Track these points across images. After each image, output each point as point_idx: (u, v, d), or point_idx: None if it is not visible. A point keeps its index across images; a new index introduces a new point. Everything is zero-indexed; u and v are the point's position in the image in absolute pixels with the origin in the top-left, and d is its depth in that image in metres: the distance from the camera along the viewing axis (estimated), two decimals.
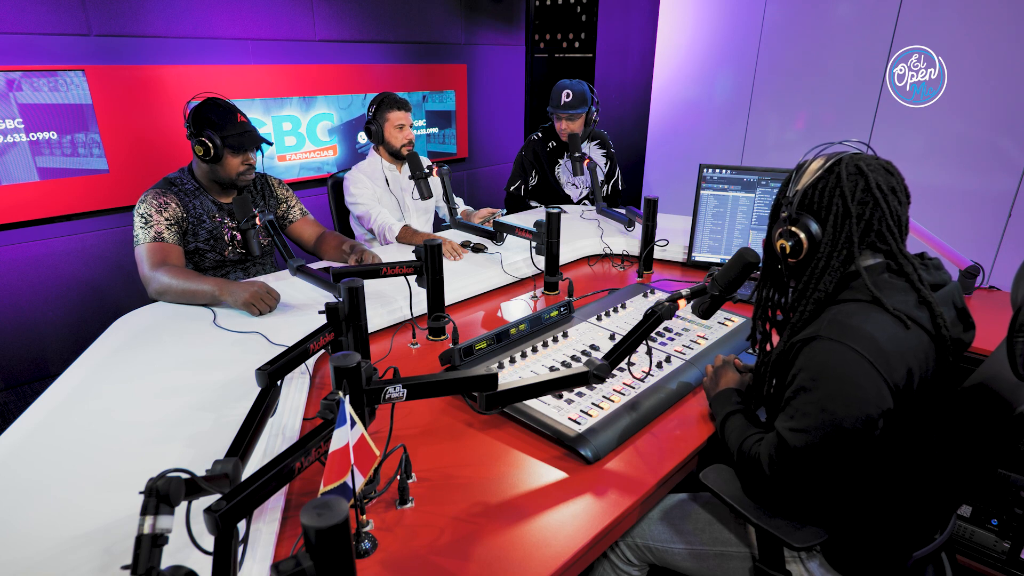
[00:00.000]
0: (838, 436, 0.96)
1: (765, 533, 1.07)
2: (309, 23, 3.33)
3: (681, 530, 1.26)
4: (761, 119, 3.70)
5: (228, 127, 1.92)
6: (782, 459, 1.02)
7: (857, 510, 1.05)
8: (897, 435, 0.98)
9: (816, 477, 1.01)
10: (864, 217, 1.03)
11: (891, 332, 0.97)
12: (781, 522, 1.07)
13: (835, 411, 0.96)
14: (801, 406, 1.00)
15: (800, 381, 1.01)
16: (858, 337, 0.96)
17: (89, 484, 1.07)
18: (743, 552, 1.20)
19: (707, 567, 1.23)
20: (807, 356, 1.01)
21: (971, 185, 2.99)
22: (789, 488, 1.05)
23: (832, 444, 0.97)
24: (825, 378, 0.98)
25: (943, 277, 1.10)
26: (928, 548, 1.08)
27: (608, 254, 2.44)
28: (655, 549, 1.27)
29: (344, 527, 0.61)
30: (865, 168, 1.04)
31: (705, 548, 1.23)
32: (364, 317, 1.36)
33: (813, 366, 1.00)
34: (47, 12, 2.50)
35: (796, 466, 1.01)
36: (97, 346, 1.57)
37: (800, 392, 1.01)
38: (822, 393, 0.98)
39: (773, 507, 1.09)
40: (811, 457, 0.99)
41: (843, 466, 1.00)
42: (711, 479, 1.16)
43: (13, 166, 2.52)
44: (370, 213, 2.52)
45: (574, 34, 4.88)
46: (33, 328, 2.74)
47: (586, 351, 1.57)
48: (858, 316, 0.99)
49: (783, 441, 1.02)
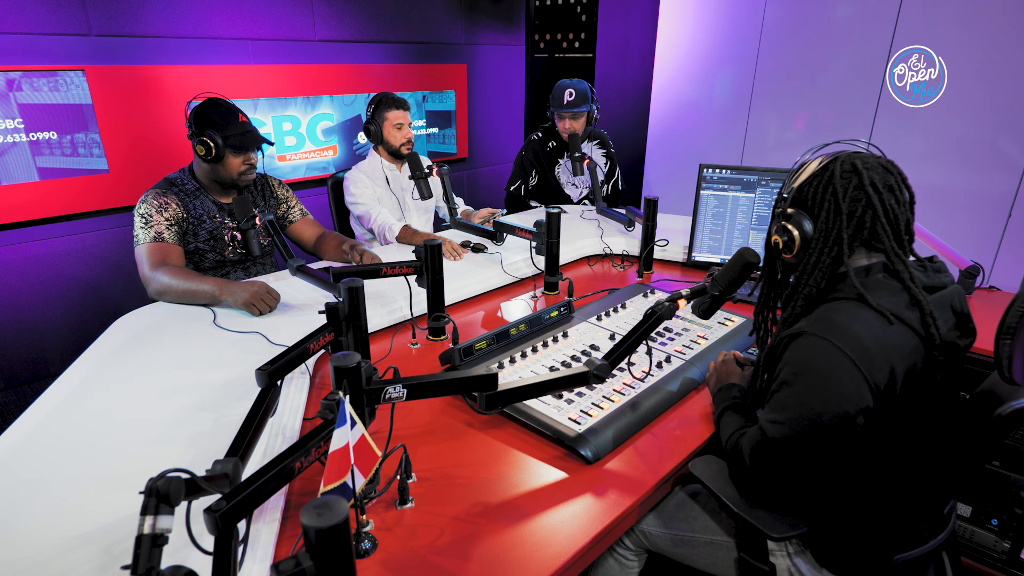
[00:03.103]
0: (815, 430, 0.97)
1: (744, 523, 1.09)
2: (309, 23, 3.33)
3: (674, 517, 1.29)
4: (761, 119, 3.69)
5: (229, 127, 1.92)
6: (761, 450, 1.04)
7: (837, 505, 1.06)
8: (878, 433, 0.99)
9: (793, 469, 1.03)
10: (856, 214, 1.03)
11: (876, 331, 0.97)
12: (761, 513, 1.09)
13: (813, 406, 0.97)
14: (782, 399, 1.02)
15: (784, 375, 1.03)
16: (843, 335, 0.96)
17: (89, 484, 1.07)
18: (730, 542, 1.22)
19: (696, 554, 1.26)
20: (792, 351, 1.02)
21: (971, 185, 2.99)
22: (767, 479, 1.07)
23: (809, 438, 0.98)
24: (806, 373, 0.99)
25: (943, 280, 1.09)
26: (919, 550, 1.07)
27: (608, 254, 2.44)
28: (649, 534, 1.30)
29: (344, 527, 0.61)
30: (860, 166, 1.04)
31: (695, 536, 1.25)
32: (364, 317, 1.36)
33: (796, 361, 1.01)
34: (47, 12, 2.50)
35: (774, 457, 1.03)
36: (97, 346, 1.57)
37: (783, 386, 1.03)
38: (802, 387, 0.99)
39: (754, 498, 1.11)
40: (788, 449, 1.01)
41: (821, 460, 1.01)
42: (699, 469, 1.18)
43: (13, 166, 2.52)
44: (370, 213, 2.52)
45: (574, 34, 4.88)
46: (33, 328, 2.74)
47: (586, 351, 1.57)
48: (846, 314, 0.99)
49: (763, 432, 1.04)
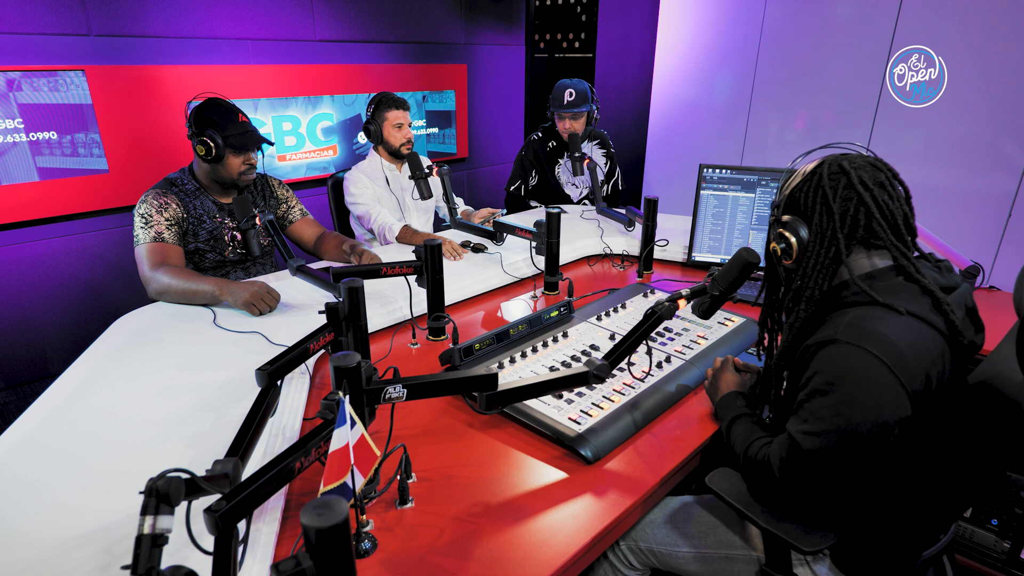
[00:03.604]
0: (852, 441, 0.94)
1: (773, 537, 1.06)
2: (309, 23, 3.33)
3: (686, 533, 1.25)
4: (761, 119, 3.69)
5: (229, 127, 1.92)
6: (793, 462, 1.01)
7: (867, 513, 1.04)
8: (912, 440, 0.97)
9: (826, 481, 1.00)
10: (849, 213, 1.03)
11: (909, 337, 0.95)
12: (789, 526, 1.06)
13: (851, 416, 0.94)
14: (816, 409, 0.98)
15: (815, 384, 0.99)
16: (878, 342, 0.94)
17: (89, 484, 1.07)
18: (749, 555, 1.19)
19: (712, 570, 1.22)
20: (823, 359, 0.99)
21: (971, 185, 2.99)
22: (799, 491, 1.04)
23: (845, 449, 0.95)
24: (843, 382, 0.95)
25: (955, 280, 1.08)
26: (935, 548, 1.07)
27: (608, 254, 2.44)
28: (659, 552, 1.25)
29: (344, 527, 0.61)
30: (848, 166, 1.04)
31: (711, 551, 1.22)
32: (364, 317, 1.36)
33: (830, 369, 0.97)
34: (47, 12, 2.50)
35: (807, 469, 1.00)
36: (97, 346, 1.57)
37: (815, 395, 0.99)
38: (839, 397, 0.96)
39: (781, 511, 1.08)
40: (823, 461, 0.98)
41: (854, 470, 0.98)
42: (717, 483, 1.15)
43: (13, 166, 2.52)
44: (370, 213, 2.52)
45: (574, 34, 4.89)
46: (33, 328, 2.74)
47: (586, 351, 1.57)
48: (877, 320, 0.97)
49: (795, 444, 1.00)
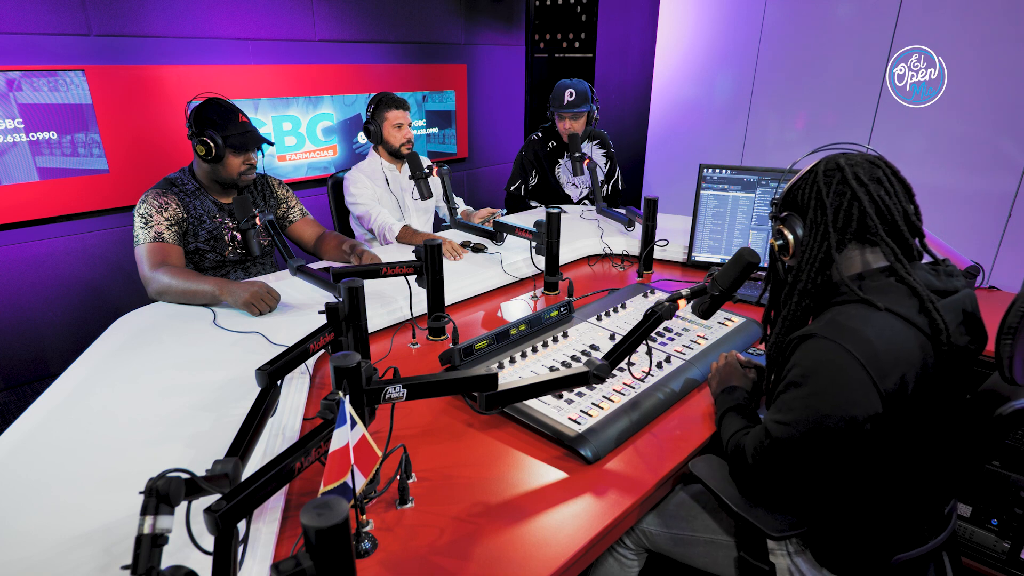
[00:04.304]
0: (820, 433, 0.97)
1: (744, 522, 1.09)
2: (309, 23, 3.33)
3: (674, 516, 1.29)
4: (761, 119, 3.69)
5: (230, 127, 1.92)
6: (764, 450, 1.05)
7: (838, 505, 1.06)
8: (886, 437, 0.98)
9: (795, 470, 1.03)
10: (841, 208, 1.03)
11: (888, 336, 0.96)
12: (761, 512, 1.09)
13: (820, 408, 0.97)
14: (789, 400, 1.02)
15: (792, 376, 1.02)
16: (853, 338, 0.96)
17: (89, 484, 1.07)
18: (730, 541, 1.22)
19: (696, 553, 1.26)
20: (802, 352, 1.02)
21: (971, 185, 2.99)
22: (769, 479, 1.07)
23: (813, 440, 0.98)
24: (815, 375, 0.98)
25: (955, 284, 1.06)
26: (919, 550, 1.07)
27: (608, 254, 2.44)
28: (649, 534, 1.30)
29: (344, 527, 0.61)
30: (844, 163, 1.05)
31: (696, 535, 1.25)
32: (364, 317, 1.36)
33: (806, 362, 1.00)
34: (47, 12, 2.50)
35: (777, 458, 1.03)
36: (97, 346, 1.57)
37: (790, 387, 1.02)
38: (810, 389, 0.99)
39: (755, 497, 1.12)
40: (792, 450, 1.01)
41: (825, 462, 1.01)
42: (699, 468, 1.18)
43: (13, 166, 2.52)
44: (370, 213, 2.52)
45: (574, 34, 4.89)
46: (33, 328, 2.74)
47: (586, 351, 1.57)
48: (857, 317, 0.98)
49: (767, 432, 1.04)
